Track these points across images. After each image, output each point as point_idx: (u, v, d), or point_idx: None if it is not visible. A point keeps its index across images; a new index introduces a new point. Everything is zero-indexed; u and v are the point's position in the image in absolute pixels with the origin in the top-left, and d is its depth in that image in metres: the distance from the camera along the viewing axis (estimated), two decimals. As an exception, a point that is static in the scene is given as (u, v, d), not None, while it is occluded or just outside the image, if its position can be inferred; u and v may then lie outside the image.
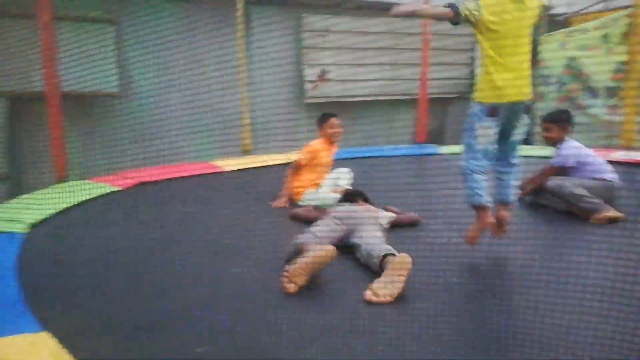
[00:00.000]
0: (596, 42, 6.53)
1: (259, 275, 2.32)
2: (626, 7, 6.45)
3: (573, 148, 3.41)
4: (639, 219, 2.87)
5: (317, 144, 3.84)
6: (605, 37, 6.44)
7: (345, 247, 2.51)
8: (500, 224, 2.47)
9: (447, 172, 3.29)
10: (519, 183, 2.62)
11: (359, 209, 2.82)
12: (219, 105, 4.97)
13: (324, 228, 2.57)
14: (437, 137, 7.34)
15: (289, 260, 2.28)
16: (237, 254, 2.59)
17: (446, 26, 2.58)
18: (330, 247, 2.20)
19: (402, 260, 2.11)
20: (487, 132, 2.30)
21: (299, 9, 6.71)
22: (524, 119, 2.39)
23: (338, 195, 3.34)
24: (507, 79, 2.26)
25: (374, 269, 2.25)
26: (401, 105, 7.46)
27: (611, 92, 6.34)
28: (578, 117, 6.47)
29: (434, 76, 6.68)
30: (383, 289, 2.02)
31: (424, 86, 5.90)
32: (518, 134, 2.43)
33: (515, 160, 2.49)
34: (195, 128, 4.97)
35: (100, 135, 5.27)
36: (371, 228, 2.60)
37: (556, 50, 6.79)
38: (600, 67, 6.30)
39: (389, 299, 1.99)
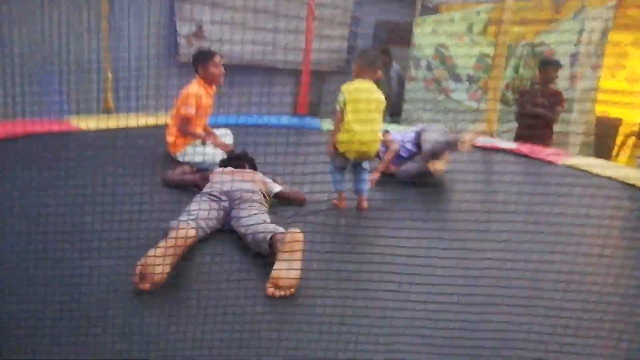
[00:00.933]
0: (462, 32, 7.00)
1: (112, 268, 1.83)
2: (487, 2, 7.03)
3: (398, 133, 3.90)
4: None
5: (195, 87, 3.42)
6: (469, 27, 6.94)
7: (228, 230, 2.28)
8: (360, 206, 3.09)
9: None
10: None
11: (246, 178, 2.58)
12: (76, 56, 4.27)
13: (201, 207, 2.25)
14: (313, 110, 7.30)
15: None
16: (91, 237, 2.11)
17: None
18: (189, 227, 1.95)
19: (293, 238, 1.93)
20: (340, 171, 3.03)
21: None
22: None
23: (222, 155, 3.08)
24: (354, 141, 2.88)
25: (265, 254, 2.07)
26: (280, 74, 7.25)
27: (472, 79, 6.90)
28: (444, 102, 7.00)
29: (313, 47, 6.56)
30: (284, 278, 1.83)
31: (308, 57, 5.75)
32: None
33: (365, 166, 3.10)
34: (44, 79, 4.21)
35: None
36: (253, 207, 2.37)
37: (427, 35, 7.13)
38: (464, 55, 6.78)
39: (291, 291, 1.83)
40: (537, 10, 6.80)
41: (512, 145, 4.77)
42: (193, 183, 2.90)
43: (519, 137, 4.94)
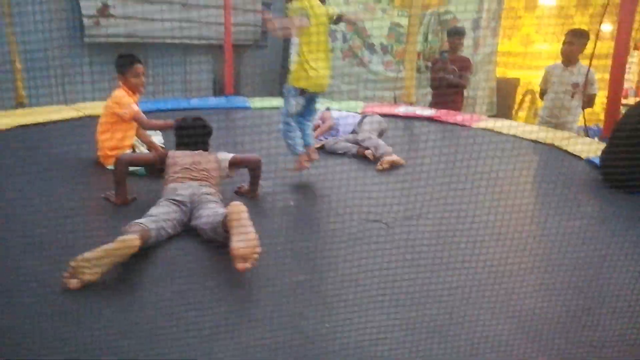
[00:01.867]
0: (372, 2, 7.25)
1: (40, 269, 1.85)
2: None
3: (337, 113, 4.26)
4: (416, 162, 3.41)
5: (124, 95, 3.30)
6: (378, -3, 7.20)
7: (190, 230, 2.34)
8: (309, 157, 3.21)
9: (265, 129, 3.44)
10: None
11: (200, 169, 2.61)
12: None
13: (165, 210, 2.28)
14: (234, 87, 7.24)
15: None
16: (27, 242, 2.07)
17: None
18: (134, 238, 1.94)
19: (236, 209, 2.03)
20: (298, 105, 3.07)
21: None
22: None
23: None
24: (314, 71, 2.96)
25: (222, 239, 2.15)
26: (195, 51, 7.07)
27: (385, 49, 7.21)
28: (364, 73, 7.25)
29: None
30: (242, 248, 1.88)
31: (229, 33, 5.66)
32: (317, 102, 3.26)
33: (311, 117, 3.27)
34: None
35: None
36: (211, 204, 2.45)
37: (341, 5, 7.29)
38: (376, 26, 7.05)
39: (254, 257, 1.88)
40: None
41: (429, 112, 5.14)
42: (152, 161, 2.74)
43: (435, 104, 5.32)
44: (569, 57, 4.23)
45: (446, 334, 1.58)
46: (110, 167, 3.09)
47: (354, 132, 4.00)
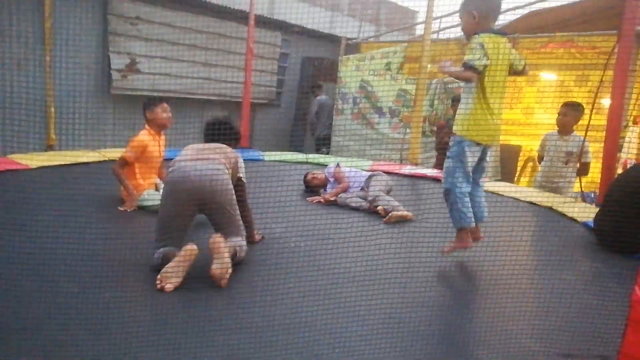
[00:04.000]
0: (382, 69, 7.71)
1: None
2: (404, 42, 7.81)
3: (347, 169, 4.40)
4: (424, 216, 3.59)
5: (144, 135, 3.53)
6: (388, 65, 7.66)
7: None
8: (476, 235, 2.77)
9: (279, 179, 3.64)
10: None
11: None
12: (16, 90, 4.26)
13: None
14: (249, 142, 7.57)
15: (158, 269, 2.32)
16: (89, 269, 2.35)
17: (258, 33, 2.81)
18: (192, 247, 2.32)
19: (217, 240, 2.34)
20: (473, 159, 2.63)
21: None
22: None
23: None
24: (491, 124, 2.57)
25: None
26: (213, 107, 7.48)
27: (393, 112, 7.58)
28: (372, 134, 7.59)
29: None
30: (220, 270, 2.27)
31: (248, 90, 6.06)
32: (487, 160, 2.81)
33: (482, 182, 2.81)
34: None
35: None
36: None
37: (352, 72, 7.75)
38: (385, 91, 7.46)
39: (223, 279, 2.28)
40: (445, 50, 7.66)
41: (433, 172, 5.38)
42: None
43: (439, 165, 5.57)
44: (564, 127, 4.50)
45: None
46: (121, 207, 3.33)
47: (362, 189, 4.20)
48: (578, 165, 4.41)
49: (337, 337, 1.85)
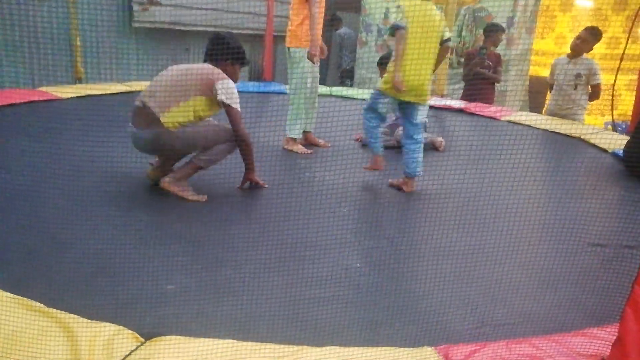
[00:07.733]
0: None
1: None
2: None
3: None
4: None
5: None
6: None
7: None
8: (401, 188, 2.85)
9: None
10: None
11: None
12: (40, 24, 4.26)
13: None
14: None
15: None
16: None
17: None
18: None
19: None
20: (383, 106, 2.81)
21: None
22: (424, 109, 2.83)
23: None
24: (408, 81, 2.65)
25: None
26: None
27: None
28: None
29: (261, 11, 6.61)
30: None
31: (270, 22, 5.91)
32: (421, 116, 2.83)
33: (418, 137, 2.83)
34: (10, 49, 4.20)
35: None
36: None
37: (377, 1, 7.46)
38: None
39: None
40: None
41: (459, 103, 5.29)
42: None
43: (467, 96, 5.45)
44: (575, 50, 4.31)
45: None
46: None
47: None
48: (589, 89, 4.26)
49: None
